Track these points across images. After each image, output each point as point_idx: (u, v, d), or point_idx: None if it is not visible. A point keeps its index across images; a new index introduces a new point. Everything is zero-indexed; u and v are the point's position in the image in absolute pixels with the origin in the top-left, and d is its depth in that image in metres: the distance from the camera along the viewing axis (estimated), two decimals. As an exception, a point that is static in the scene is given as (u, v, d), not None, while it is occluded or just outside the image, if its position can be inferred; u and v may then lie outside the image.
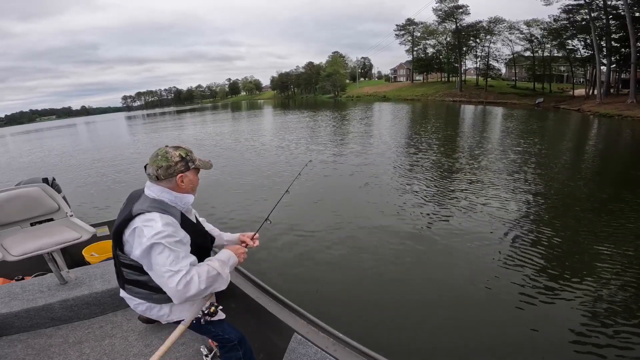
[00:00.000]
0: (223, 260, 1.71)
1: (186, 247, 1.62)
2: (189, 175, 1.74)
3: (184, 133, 26.60)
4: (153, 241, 1.52)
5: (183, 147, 1.76)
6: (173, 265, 1.51)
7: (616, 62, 32.91)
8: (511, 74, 52.66)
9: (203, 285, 1.54)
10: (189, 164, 1.73)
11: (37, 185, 2.77)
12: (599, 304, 3.66)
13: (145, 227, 1.57)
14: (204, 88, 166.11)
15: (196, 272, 1.55)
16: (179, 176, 1.70)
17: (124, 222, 1.63)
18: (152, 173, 1.68)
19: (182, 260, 1.54)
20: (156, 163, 1.67)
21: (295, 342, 1.88)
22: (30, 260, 2.34)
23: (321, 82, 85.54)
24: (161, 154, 1.69)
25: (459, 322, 3.49)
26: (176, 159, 1.69)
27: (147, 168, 1.70)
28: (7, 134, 63.70)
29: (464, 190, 7.69)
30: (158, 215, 1.61)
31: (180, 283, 1.50)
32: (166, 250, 1.53)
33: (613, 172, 9.58)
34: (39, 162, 17.33)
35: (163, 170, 1.66)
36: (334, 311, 3.53)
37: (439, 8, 49.75)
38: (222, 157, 13.40)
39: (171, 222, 1.61)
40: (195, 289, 1.52)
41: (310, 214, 6.67)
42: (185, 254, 1.59)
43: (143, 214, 1.60)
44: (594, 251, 4.78)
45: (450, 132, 17.92)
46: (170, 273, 1.50)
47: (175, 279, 1.50)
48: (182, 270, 1.52)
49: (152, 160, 1.69)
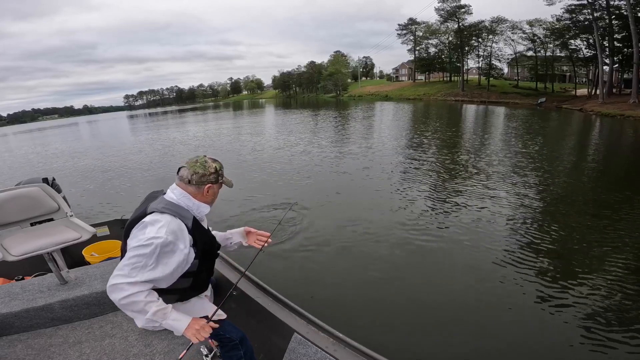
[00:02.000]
0: (168, 312, 1.64)
1: (171, 260, 1.65)
2: (215, 188, 1.86)
3: (185, 131, 26.61)
4: (147, 242, 1.59)
5: (219, 162, 1.89)
6: (134, 270, 1.57)
7: (619, 62, 32.87)
8: (513, 74, 52.48)
9: (124, 302, 1.57)
10: (219, 178, 1.86)
11: (37, 185, 2.77)
12: (600, 304, 3.63)
13: (151, 225, 1.65)
14: (205, 87, 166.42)
15: (147, 300, 1.58)
16: (207, 186, 1.80)
17: (137, 219, 1.72)
18: (185, 175, 1.77)
19: (145, 273, 1.59)
20: (193, 168, 1.77)
21: (295, 342, 1.88)
22: (30, 260, 2.34)
23: (323, 82, 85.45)
24: (200, 162, 1.80)
25: (459, 322, 3.49)
26: (211, 170, 1.80)
27: (182, 170, 1.80)
28: (9, 132, 63.87)
29: (465, 191, 7.67)
30: (169, 218, 1.68)
31: (132, 294, 1.56)
32: (147, 255, 1.58)
33: (615, 172, 9.53)
34: (39, 162, 17.37)
35: (197, 177, 1.77)
36: (334, 311, 3.53)
37: (442, 8, 49.70)
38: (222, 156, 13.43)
39: (176, 230, 1.67)
40: (118, 298, 1.56)
41: (310, 214, 6.67)
42: (157, 270, 1.62)
43: (154, 213, 1.68)
44: (596, 252, 4.75)
45: (452, 131, 17.88)
46: (125, 271, 1.57)
47: (120, 280, 1.56)
48: (139, 283, 1.57)
49: (190, 164, 1.79)
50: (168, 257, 1.64)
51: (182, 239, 1.68)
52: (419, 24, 57.17)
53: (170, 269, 1.65)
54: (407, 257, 4.91)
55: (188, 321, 1.63)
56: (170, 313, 1.61)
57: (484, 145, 13.58)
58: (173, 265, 1.66)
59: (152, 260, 1.59)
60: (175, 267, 1.66)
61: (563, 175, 8.98)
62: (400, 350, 3.09)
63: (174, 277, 1.71)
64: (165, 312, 1.60)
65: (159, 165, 12.96)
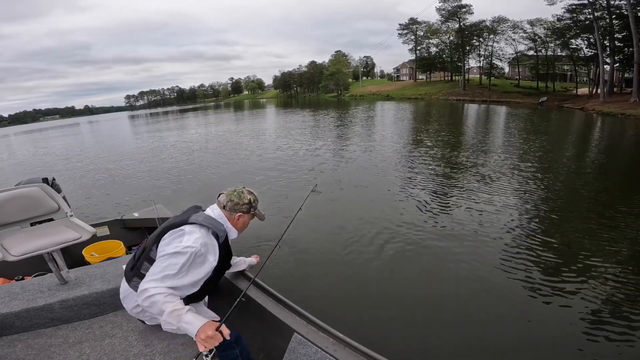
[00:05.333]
0: (183, 314, 1.63)
1: (200, 270, 1.80)
2: (246, 217, 2.09)
3: (185, 133, 26.64)
4: (183, 250, 1.74)
5: (254, 194, 2.13)
6: (166, 277, 1.69)
7: (619, 61, 32.91)
8: (514, 73, 52.48)
9: (146, 304, 1.67)
10: (251, 210, 2.08)
11: (37, 185, 2.77)
12: (600, 304, 3.62)
13: (188, 234, 1.80)
14: (206, 87, 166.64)
15: (165, 300, 1.65)
16: (238, 214, 2.04)
17: (176, 225, 1.87)
18: (222, 201, 2.04)
19: (175, 280, 1.70)
20: (230, 196, 2.04)
21: (295, 342, 1.87)
22: (30, 260, 2.34)
23: (324, 81, 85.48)
24: (238, 192, 2.07)
25: (460, 322, 3.47)
26: (245, 201, 2.05)
27: (221, 196, 2.07)
28: (10, 133, 64.02)
29: (466, 189, 7.65)
30: (205, 231, 1.87)
31: (153, 295, 1.64)
32: (180, 263, 1.72)
33: (617, 170, 9.51)
34: (38, 162, 17.40)
35: (231, 204, 2.02)
36: (334, 311, 3.52)
37: (443, 7, 49.70)
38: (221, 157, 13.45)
39: (209, 244, 1.86)
40: (141, 299, 1.67)
41: (310, 214, 6.67)
42: (187, 278, 1.75)
43: (194, 225, 1.86)
44: (596, 250, 4.73)
45: (454, 130, 17.84)
46: (157, 276, 1.69)
47: (154, 289, 1.65)
48: (163, 287, 1.66)
49: (229, 192, 2.07)
50: (198, 267, 1.79)
51: (212, 252, 1.86)
52: (420, 24, 57.23)
53: (197, 278, 1.79)
54: (408, 256, 4.90)
55: (200, 324, 1.57)
56: (185, 315, 1.60)
57: (486, 143, 13.55)
58: (201, 275, 1.80)
59: (185, 268, 1.73)
60: (202, 276, 1.81)
61: (565, 172, 8.96)
62: (400, 350, 3.08)
63: (196, 287, 1.83)
64: (180, 314, 1.60)
65: (160, 165, 12.97)
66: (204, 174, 10.91)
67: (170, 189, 9.40)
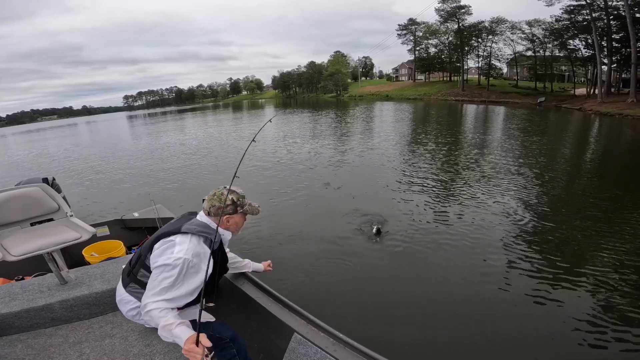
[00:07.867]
0: (173, 329, 1.63)
1: (195, 279, 1.78)
2: (235, 217, 1.99)
3: (186, 133, 26.61)
4: (174, 262, 1.72)
5: (237, 192, 1.99)
6: (164, 289, 1.70)
7: (617, 61, 32.93)
8: (513, 74, 52.47)
9: (146, 318, 1.72)
10: (238, 209, 1.97)
11: (37, 185, 2.77)
12: (600, 303, 3.64)
13: (179, 245, 1.79)
14: (205, 87, 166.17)
15: (160, 315, 1.66)
16: (225, 217, 1.94)
17: (168, 234, 1.85)
18: (205, 208, 1.95)
19: (174, 292, 1.71)
20: (211, 202, 1.93)
21: (295, 342, 1.87)
22: (30, 260, 2.34)
23: (323, 82, 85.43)
24: (217, 195, 1.95)
25: (460, 322, 3.48)
26: (228, 203, 1.92)
27: (204, 202, 1.97)
28: (8, 133, 63.79)
29: (466, 189, 7.67)
30: (195, 241, 1.83)
31: (151, 310, 1.67)
32: (174, 274, 1.71)
33: (615, 169, 9.54)
34: (39, 162, 17.35)
35: (214, 209, 1.92)
36: (334, 311, 3.53)
37: (442, 8, 49.74)
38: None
39: (200, 253, 1.82)
40: (147, 317, 1.71)
41: (310, 214, 6.68)
42: (183, 287, 1.75)
43: (185, 235, 1.83)
44: (595, 250, 4.76)
45: (453, 131, 17.87)
46: (155, 290, 1.70)
47: (152, 304, 1.67)
48: (160, 301, 1.68)
49: (209, 197, 1.96)
50: (192, 277, 1.77)
51: (204, 260, 1.81)
52: (418, 24, 57.23)
53: (193, 287, 1.77)
54: (408, 256, 4.91)
55: (183, 340, 1.56)
56: (174, 329, 1.61)
57: (486, 143, 13.59)
58: (196, 284, 1.78)
59: (180, 279, 1.72)
60: (198, 284, 1.78)
61: (564, 172, 8.99)
62: (400, 350, 3.09)
63: (193, 295, 1.81)
64: (170, 329, 1.61)
65: (160, 165, 12.95)
66: (204, 174, 10.92)
67: (170, 188, 9.41)
